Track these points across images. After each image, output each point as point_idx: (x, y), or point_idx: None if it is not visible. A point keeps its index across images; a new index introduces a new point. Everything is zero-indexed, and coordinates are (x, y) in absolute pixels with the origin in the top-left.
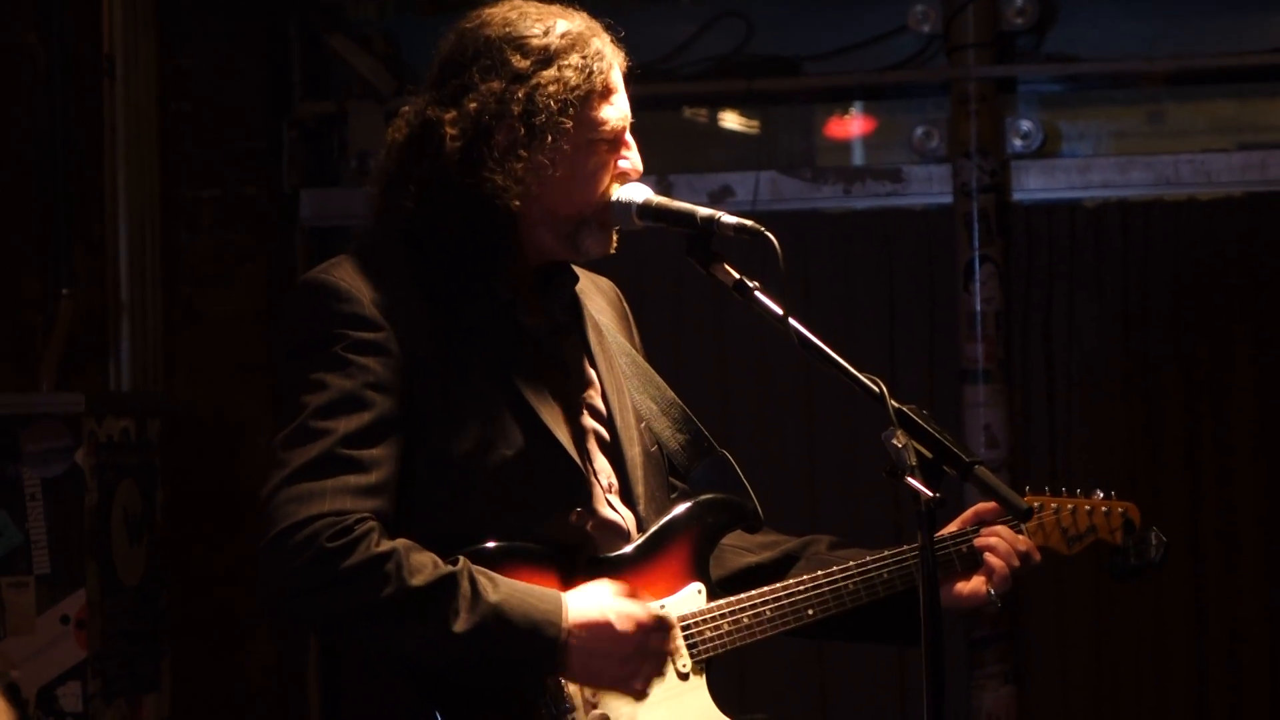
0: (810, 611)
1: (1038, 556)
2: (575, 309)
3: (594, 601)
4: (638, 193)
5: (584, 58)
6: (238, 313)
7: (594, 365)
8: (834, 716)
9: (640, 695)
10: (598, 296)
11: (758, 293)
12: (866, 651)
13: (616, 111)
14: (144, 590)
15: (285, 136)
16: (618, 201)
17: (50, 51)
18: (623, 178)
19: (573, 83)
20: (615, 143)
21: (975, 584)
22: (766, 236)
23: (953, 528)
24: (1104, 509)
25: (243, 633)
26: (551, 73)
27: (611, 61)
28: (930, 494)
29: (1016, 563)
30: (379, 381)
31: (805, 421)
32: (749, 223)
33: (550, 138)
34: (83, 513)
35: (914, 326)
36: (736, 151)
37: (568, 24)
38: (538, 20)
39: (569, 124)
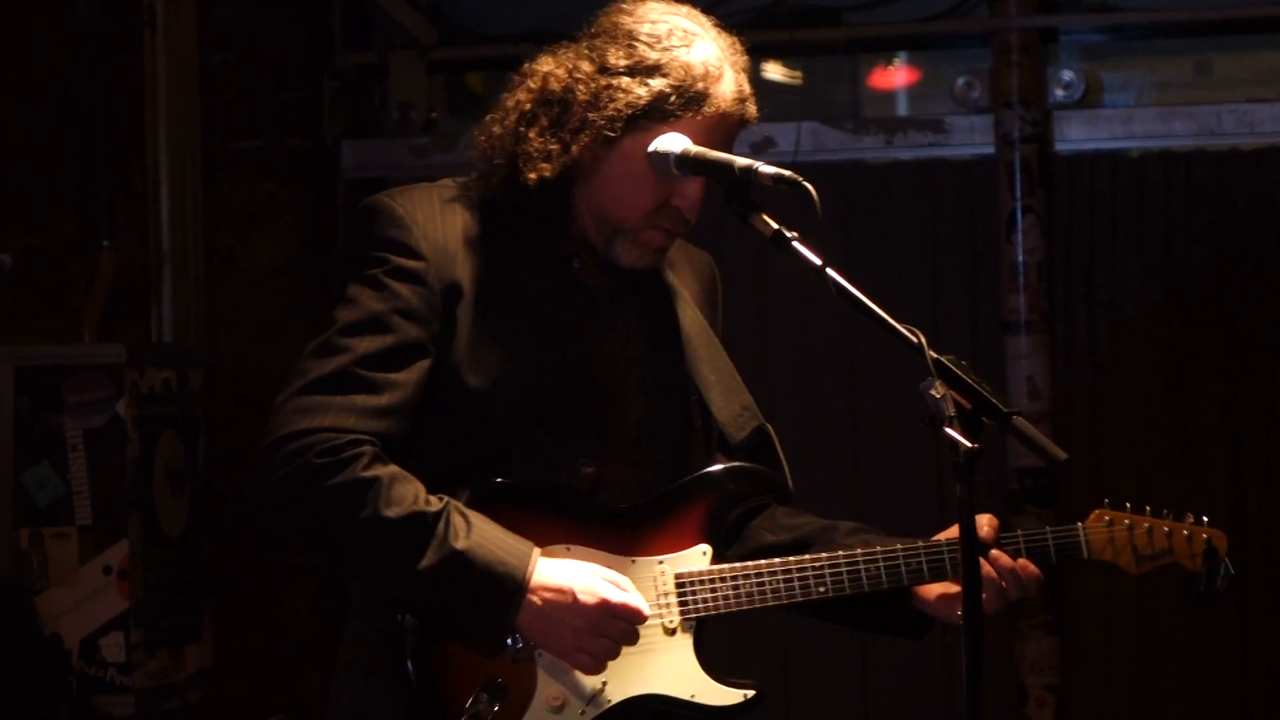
0: (822, 589)
1: (1027, 587)
2: (649, 275)
3: (567, 570)
4: (675, 143)
5: (674, 87)
6: (279, 264)
7: (653, 329)
8: (874, 664)
9: (589, 671)
10: (687, 268)
11: (796, 243)
12: None
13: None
14: (186, 541)
15: (326, 88)
16: (655, 152)
17: (91, 2)
18: (671, 214)
19: (641, 103)
20: (669, 180)
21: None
22: (804, 186)
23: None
24: (1186, 533)
25: (284, 583)
26: (630, 81)
27: (716, 116)
28: (969, 444)
29: (1001, 584)
30: (408, 309)
31: (848, 380)
32: (787, 172)
33: (592, 138)
34: (124, 464)
35: (956, 278)
36: (778, 102)
37: (699, 56)
38: (672, 34)
39: (616, 136)
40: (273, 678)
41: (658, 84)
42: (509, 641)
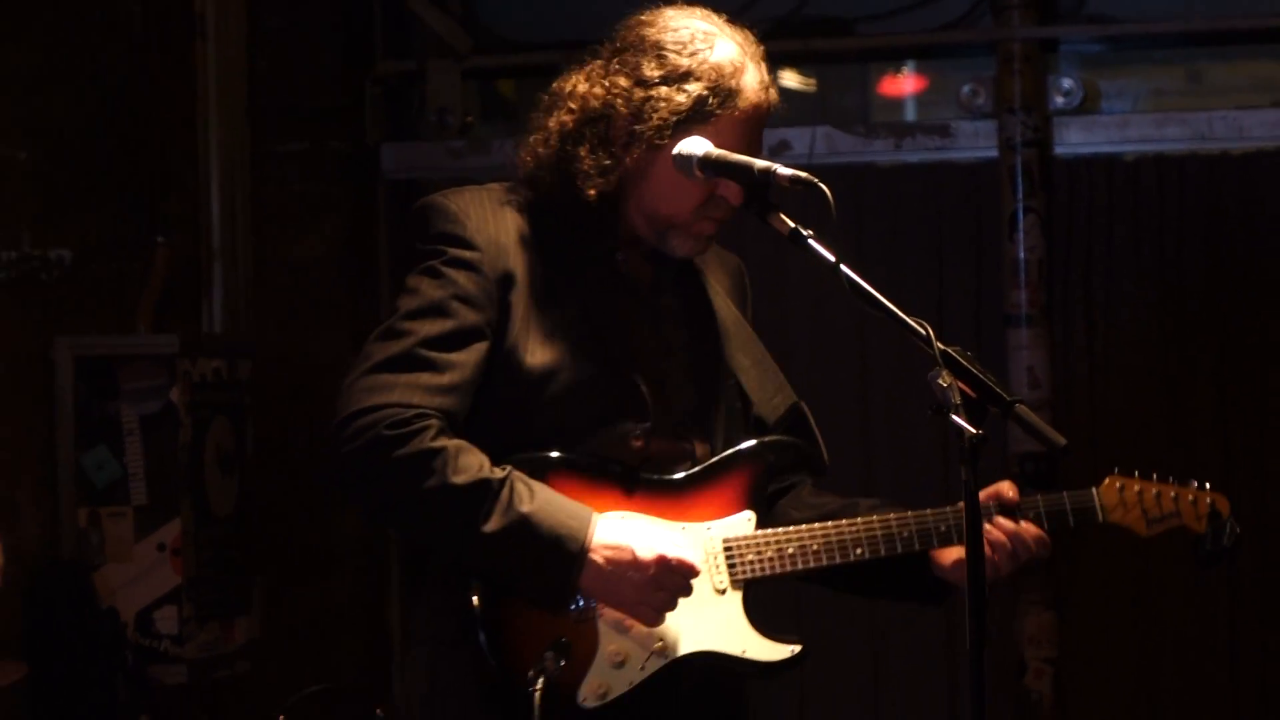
0: (859, 551)
1: (1033, 547)
2: (686, 272)
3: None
4: (698, 146)
5: (709, 88)
6: (323, 260)
7: (691, 319)
8: (882, 665)
9: (649, 623)
10: (718, 267)
11: (811, 241)
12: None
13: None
14: (235, 520)
15: (368, 93)
16: (678, 155)
17: (145, 11)
18: (719, 204)
19: (684, 109)
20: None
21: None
22: (820, 187)
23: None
24: (1191, 497)
25: (328, 561)
26: (668, 90)
27: (749, 108)
28: (974, 431)
29: (1009, 546)
30: (465, 295)
31: (860, 371)
32: (803, 174)
33: (642, 148)
34: (177, 448)
35: (961, 274)
36: (794, 108)
37: (724, 54)
38: (695, 38)
39: (665, 144)
40: (315, 649)
41: (694, 88)
42: (573, 605)
